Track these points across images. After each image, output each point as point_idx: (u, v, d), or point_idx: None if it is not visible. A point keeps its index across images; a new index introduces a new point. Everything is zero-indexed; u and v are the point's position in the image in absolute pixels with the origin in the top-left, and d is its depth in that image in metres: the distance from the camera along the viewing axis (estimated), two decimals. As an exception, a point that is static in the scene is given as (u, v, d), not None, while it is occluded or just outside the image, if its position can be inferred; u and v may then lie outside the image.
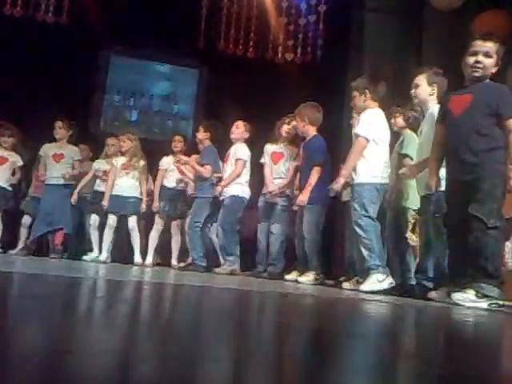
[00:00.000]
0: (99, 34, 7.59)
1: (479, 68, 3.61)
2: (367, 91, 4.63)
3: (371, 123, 4.55)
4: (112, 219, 6.60)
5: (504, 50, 3.68)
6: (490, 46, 3.62)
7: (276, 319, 2.03)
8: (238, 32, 7.84)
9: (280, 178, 5.93)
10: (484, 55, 3.61)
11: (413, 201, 4.62)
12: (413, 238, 4.73)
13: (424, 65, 7.97)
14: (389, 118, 4.88)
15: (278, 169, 5.97)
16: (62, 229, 6.75)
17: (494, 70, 3.66)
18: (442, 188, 3.94)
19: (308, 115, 5.56)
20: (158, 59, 9.08)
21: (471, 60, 3.63)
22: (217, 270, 5.90)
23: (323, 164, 5.49)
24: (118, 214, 6.63)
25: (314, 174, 5.42)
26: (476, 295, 3.43)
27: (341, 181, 4.54)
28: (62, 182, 6.82)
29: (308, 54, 8.01)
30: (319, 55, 8.04)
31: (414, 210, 4.65)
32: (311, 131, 5.60)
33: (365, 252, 4.38)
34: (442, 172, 3.89)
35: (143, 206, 6.71)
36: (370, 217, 4.44)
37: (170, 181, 6.82)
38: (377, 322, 2.39)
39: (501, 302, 3.50)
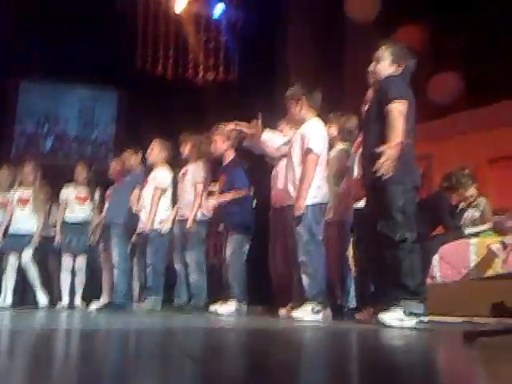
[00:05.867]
0: (7, 60, 7.21)
1: (372, 75, 3.71)
2: (304, 98, 4.37)
3: (317, 136, 4.28)
4: (12, 258, 6.09)
5: (404, 54, 3.68)
6: (380, 51, 3.69)
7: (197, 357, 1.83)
8: (157, 52, 7.61)
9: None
10: (376, 61, 3.69)
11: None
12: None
13: (346, 80, 8.10)
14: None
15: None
16: None
17: (392, 71, 3.64)
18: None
19: (228, 136, 5.27)
20: (74, 82, 8.73)
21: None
22: (137, 306, 5.55)
23: (243, 188, 5.25)
24: (16, 251, 6.11)
25: (232, 193, 5.17)
26: (404, 313, 3.35)
27: (302, 205, 4.15)
28: None
29: (230, 72, 7.86)
30: (242, 73, 7.90)
31: None
32: (229, 154, 5.36)
33: (306, 280, 4.13)
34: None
35: (36, 240, 6.14)
36: (316, 241, 4.18)
37: (72, 213, 6.36)
38: (302, 348, 2.31)
39: (426, 319, 3.44)
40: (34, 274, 6.06)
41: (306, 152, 4.22)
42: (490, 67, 5.99)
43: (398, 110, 3.41)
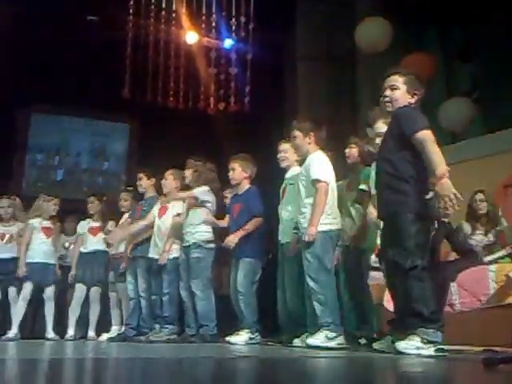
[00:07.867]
0: (17, 92, 7.27)
1: (388, 102, 3.60)
2: (312, 134, 4.43)
3: (322, 165, 4.35)
4: (28, 289, 6.07)
5: (418, 82, 3.62)
6: (395, 78, 3.60)
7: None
8: (167, 83, 7.63)
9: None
10: (390, 88, 3.59)
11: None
12: None
13: (360, 110, 8.05)
14: (343, 148, 4.80)
15: None
16: None
17: (409, 100, 3.57)
18: None
19: (244, 167, 5.31)
20: (85, 115, 8.78)
21: (381, 98, 3.65)
22: (152, 337, 5.44)
23: (262, 215, 5.22)
24: (37, 283, 6.12)
25: (252, 223, 5.15)
26: (421, 342, 3.26)
27: (313, 232, 4.16)
28: None
29: (242, 103, 7.85)
30: (253, 104, 7.89)
31: None
32: (246, 183, 5.37)
33: (318, 307, 4.12)
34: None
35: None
36: (325, 268, 4.18)
37: (85, 245, 6.46)
38: (317, 377, 2.24)
39: (445, 347, 3.33)
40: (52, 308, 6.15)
41: (315, 181, 4.27)
42: (503, 91, 5.94)
43: (430, 138, 3.36)
